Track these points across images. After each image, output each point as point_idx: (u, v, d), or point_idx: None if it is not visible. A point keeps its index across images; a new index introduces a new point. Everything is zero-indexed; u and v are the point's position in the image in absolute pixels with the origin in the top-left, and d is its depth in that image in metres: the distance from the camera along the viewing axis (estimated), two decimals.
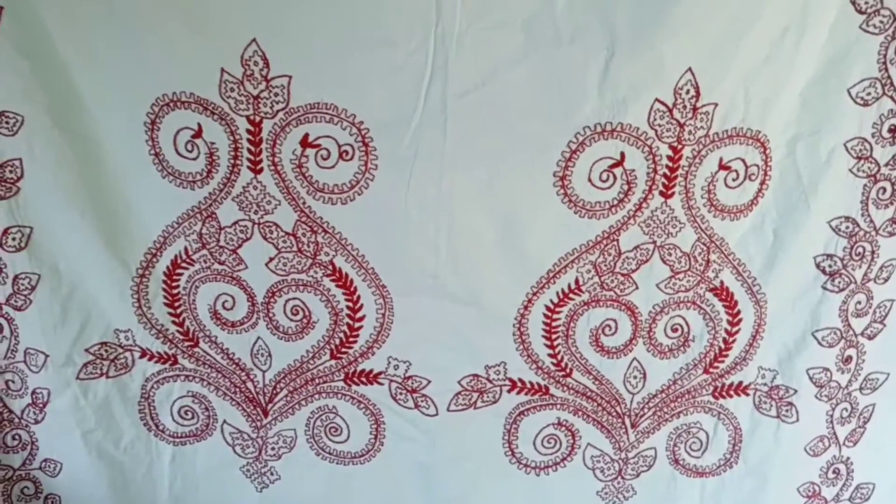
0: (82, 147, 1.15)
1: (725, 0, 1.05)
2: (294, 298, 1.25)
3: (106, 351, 1.28)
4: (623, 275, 1.23)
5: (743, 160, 1.17)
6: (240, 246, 1.21)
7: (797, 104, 1.15)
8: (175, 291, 1.25)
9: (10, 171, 1.16)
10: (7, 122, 1.13)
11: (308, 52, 1.08)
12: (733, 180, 1.19)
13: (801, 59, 1.11)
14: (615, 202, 1.17)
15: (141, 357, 1.29)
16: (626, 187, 1.16)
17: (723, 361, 1.32)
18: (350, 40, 1.07)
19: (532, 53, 1.08)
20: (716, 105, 1.12)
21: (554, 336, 1.26)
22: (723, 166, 1.17)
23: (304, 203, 1.17)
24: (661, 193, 1.17)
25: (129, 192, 1.18)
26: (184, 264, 1.23)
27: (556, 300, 1.24)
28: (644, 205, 1.18)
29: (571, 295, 1.23)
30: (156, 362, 1.30)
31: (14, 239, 1.20)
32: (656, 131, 1.12)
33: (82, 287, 1.24)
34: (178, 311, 1.27)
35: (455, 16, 1.06)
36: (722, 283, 1.26)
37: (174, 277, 1.24)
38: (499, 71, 1.09)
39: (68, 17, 1.08)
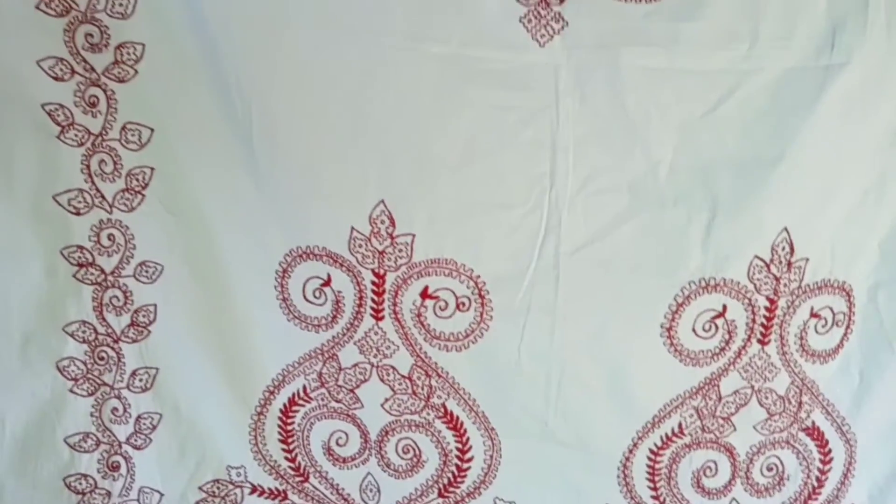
0: (213, 293, 1.22)
1: (815, 167, 1.14)
2: (406, 438, 1.29)
3: (218, 488, 1.31)
4: (723, 418, 1.27)
5: (831, 308, 1.24)
6: (357, 386, 1.26)
7: (877, 256, 1.22)
8: (290, 428, 1.29)
9: (144, 316, 1.22)
10: (147, 272, 1.21)
11: (432, 213, 1.17)
12: (822, 327, 1.25)
13: (880, 216, 1.20)
14: (717, 350, 1.23)
15: (251, 493, 1.32)
16: (727, 336, 1.22)
17: (816, 499, 1.33)
18: (471, 203, 1.16)
19: (638, 214, 1.16)
20: (807, 259, 1.19)
21: (657, 478, 1.29)
22: (813, 314, 1.23)
23: (420, 349, 1.23)
24: (759, 341, 1.23)
25: (254, 333, 1.24)
26: (301, 401, 1.28)
27: (659, 443, 1.27)
28: (743, 352, 1.23)
29: (674, 438, 1.27)
30: (266, 498, 1.33)
31: (141, 380, 1.25)
32: (755, 285, 1.20)
33: (200, 424, 1.27)
34: (292, 446, 1.30)
35: (567, 181, 1.15)
36: (813, 423, 1.30)
37: (290, 414, 1.29)
38: (607, 230, 1.17)
39: (214, 178, 1.16)
